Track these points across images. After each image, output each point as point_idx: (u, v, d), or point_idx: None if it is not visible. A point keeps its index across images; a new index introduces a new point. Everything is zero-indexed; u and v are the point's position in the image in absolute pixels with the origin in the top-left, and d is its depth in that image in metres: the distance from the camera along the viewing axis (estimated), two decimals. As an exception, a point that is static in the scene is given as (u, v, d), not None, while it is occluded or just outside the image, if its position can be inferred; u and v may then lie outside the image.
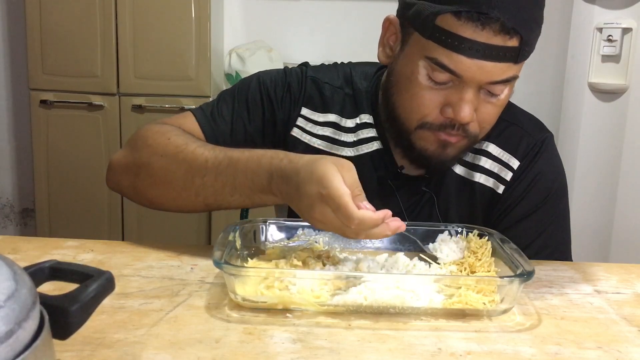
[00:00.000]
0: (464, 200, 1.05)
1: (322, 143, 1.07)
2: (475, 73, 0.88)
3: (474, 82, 0.89)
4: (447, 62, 0.88)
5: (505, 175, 1.04)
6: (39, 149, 2.65)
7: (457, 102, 0.90)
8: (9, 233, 3.11)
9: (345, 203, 0.74)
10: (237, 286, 0.74)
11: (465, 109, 0.90)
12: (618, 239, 2.20)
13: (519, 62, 0.90)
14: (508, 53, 0.87)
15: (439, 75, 0.90)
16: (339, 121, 1.07)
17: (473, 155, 1.05)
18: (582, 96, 2.25)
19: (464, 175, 1.05)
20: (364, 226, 0.75)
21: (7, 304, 0.38)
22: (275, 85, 1.07)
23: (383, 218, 0.75)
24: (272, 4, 2.85)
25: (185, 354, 0.64)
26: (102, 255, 0.91)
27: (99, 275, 0.52)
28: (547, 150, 1.05)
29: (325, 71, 1.10)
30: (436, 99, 0.92)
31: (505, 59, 0.88)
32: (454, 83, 0.90)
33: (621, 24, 2.12)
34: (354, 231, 0.76)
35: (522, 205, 1.03)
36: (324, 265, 0.83)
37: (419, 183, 1.06)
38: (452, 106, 0.91)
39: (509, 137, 1.05)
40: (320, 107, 1.07)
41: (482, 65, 0.87)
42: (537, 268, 0.78)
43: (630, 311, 0.79)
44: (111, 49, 2.54)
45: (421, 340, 0.69)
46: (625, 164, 2.17)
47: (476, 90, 0.90)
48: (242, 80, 1.11)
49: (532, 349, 0.68)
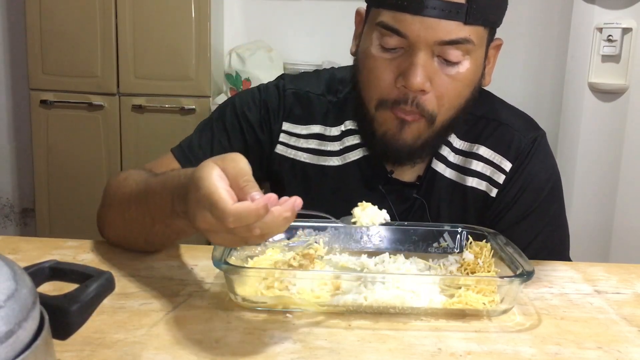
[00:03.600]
0: (456, 204, 1.03)
1: (309, 156, 1.05)
2: (420, 30, 0.86)
3: (420, 41, 0.87)
4: (392, 22, 0.88)
5: (498, 178, 1.02)
6: (39, 149, 2.65)
7: (407, 67, 0.88)
8: (9, 233, 3.11)
9: (216, 199, 0.63)
10: (237, 286, 0.74)
11: (415, 74, 0.87)
12: (618, 239, 2.20)
13: (469, 23, 0.87)
14: (454, 9, 0.85)
15: (389, 40, 0.89)
16: (323, 131, 1.05)
17: (464, 158, 1.03)
18: (582, 96, 2.24)
19: (456, 180, 1.03)
20: (244, 220, 0.63)
21: (7, 304, 0.38)
22: (250, 108, 1.05)
23: (265, 206, 0.63)
24: (272, 4, 2.85)
25: (185, 354, 0.64)
26: (102, 256, 0.91)
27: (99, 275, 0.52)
28: (539, 150, 1.03)
29: (306, 80, 1.08)
30: (389, 69, 0.90)
31: (451, 16, 0.86)
32: (405, 50, 0.89)
33: (621, 24, 2.12)
34: (237, 231, 0.64)
35: (516, 208, 1.02)
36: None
37: (410, 190, 1.04)
38: (403, 74, 0.89)
39: (500, 139, 1.03)
40: (302, 120, 1.05)
41: (427, 22, 0.86)
42: (537, 268, 0.78)
43: (630, 311, 0.79)
44: (111, 49, 2.54)
45: (421, 340, 0.69)
46: (625, 164, 2.17)
47: (428, 55, 0.88)
48: (217, 108, 1.10)
49: (532, 349, 0.68)
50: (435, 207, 1.03)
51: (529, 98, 2.79)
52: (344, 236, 0.92)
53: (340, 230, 0.92)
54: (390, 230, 0.92)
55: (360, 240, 0.92)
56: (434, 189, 1.03)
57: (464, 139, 1.03)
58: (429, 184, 1.03)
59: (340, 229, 0.92)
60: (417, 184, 1.03)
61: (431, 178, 1.03)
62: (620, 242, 2.19)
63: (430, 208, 1.03)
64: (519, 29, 2.78)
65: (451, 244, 0.91)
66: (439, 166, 1.03)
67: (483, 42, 0.92)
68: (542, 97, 2.80)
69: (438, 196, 1.03)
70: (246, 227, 0.64)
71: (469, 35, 0.88)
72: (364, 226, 0.79)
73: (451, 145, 1.03)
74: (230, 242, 0.68)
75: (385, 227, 0.92)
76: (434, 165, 1.03)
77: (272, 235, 0.67)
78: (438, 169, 1.03)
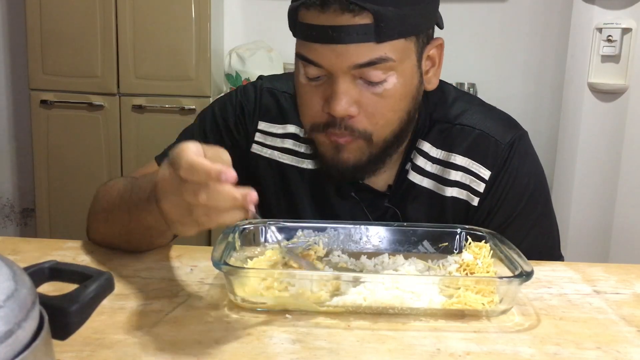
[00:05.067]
0: (435, 214, 1.01)
1: (286, 157, 1.04)
2: (332, 58, 0.85)
3: (336, 69, 0.86)
4: (306, 53, 0.88)
5: (478, 186, 0.99)
6: (39, 149, 2.65)
7: (330, 95, 0.88)
8: (9, 233, 3.11)
9: (180, 149, 0.65)
10: (236, 287, 0.74)
11: (337, 101, 0.86)
12: (618, 239, 2.20)
13: (381, 41, 0.84)
14: (361, 32, 0.83)
15: (309, 70, 0.89)
16: (299, 132, 1.04)
17: (442, 168, 1.00)
18: (581, 96, 2.25)
19: (434, 190, 1.00)
20: (195, 174, 0.64)
21: (7, 304, 0.38)
22: (227, 110, 1.06)
23: (219, 171, 0.63)
24: (272, 4, 2.85)
25: (185, 354, 0.64)
26: (102, 256, 0.91)
27: (99, 275, 0.52)
28: (517, 153, 1.00)
29: (284, 80, 1.08)
30: (316, 96, 0.90)
31: (361, 38, 0.83)
32: (327, 77, 0.89)
33: (621, 24, 2.12)
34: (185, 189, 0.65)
35: (499, 215, 0.99)
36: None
37: (380, 199, 1.02)
38: (327, 101, 0.88)
39: (476, 146, 0.99)
40: (278, 119, 1.05)
41: (335, 49, 0.85)
42: (536, 268, 0.78)
43: (629, 311, 0.79)
44: (111, 49, 2.54)
45: (420, 340, 0.69)
46: (625, 163, 2.17)
47: (348, 80, 0.87)
48: (199, 115, 1.11)
49: (531, 349, 0.68)
50: (412, 217, 1.01)
51: (529, 98, 2.80)
52: (343, 237, 0.92)
53: (340, 231, 0.92)
54: (389, 231, 0.92)
55: (360, 241, 0.93)
56: (408, 198, 1.01)
57: (441, 148, 1.00)
58: (404, 194, 1.01)
59: (340, 230, 0.92)
60: (387, 194, 1.02)
61: (407, 188, 1.01)
62: (619, 242, 2.20)
63: (406, 218, 1.01)
64: (519, 29, 2.78)
65: (430, 249, 0.91)
66: (415, 177, 1.01)
67: (409, 53, 0.89)
68: (542, 97, 2.81)
69: (414, 206, 1.01)
70: (193, 188, 0.64)
71: (385, 53, 0.85)
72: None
73: (427, 155, 1.01)
74: (176, 206, 0.67)
75: (384, 228, 0.92)
76: (410, 177, 1.01)
77: (217, 212, 0.66)
78: (415, 180, 1.01)
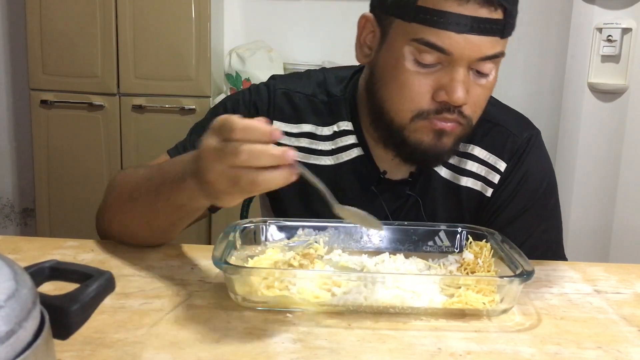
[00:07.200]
0: (451, 203, 1.04)
1: (303, 155, 1.04)
2: (465, 49, 0.86)
3: (463, 59, 0.87)
4: (435, 40, 0.86)
5: (493, 178, 1.03)
6: (39, 149, 2.65)
7: (449, 83, 0.88)
8: (9, 233, 3.11)
9: (226, 117, 0.70)
10: (237, 286, 0.74)
11: (459, 90, 0.88)
12: (618, 239, 2.20)
13: (504, 37, 0.89)
14: (494, 26, 0.86)
15: (427, 56, 0.88)
16: (314, 130, 1.05)
17: (459, 158, 1.03)
18: (581, 96, 2.24)
19: (450, 179, 1.04)
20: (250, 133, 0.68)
21: (8, 304, 0.38)
22: (240, 108, 1.06)
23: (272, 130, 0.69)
24: (272, 4, 2.85)
25: (185, 354, 0.64)
26: (103, 255, 0.91)
27: (99, 275, 0.52)
28: (533, 150, 1.04)
29: (296, 80, 1.09)
30: (426, 83, 0.89)
31: (492, 32, 0.87)
32: (443, 65, 0.88)
33: (621, 24, 2.12)
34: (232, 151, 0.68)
35: (511, 208, 1.03)
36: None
37: (402, 187, 1.04)
38: (444, 88, 0.88)
39: (494, 139, 1.03)
40: (293, 119, 1.05)
41: (471, 39, 0.86)
42: (537, 268, 0.78)
43: (629, 311, 0.79)
44: (111, 49, 2.54)
45: (421, 340, 0.69)
46: (625, 164, 2.17)
47: (466, 69, 0.88)
48: (211, 109, 1.11)
49: (532, 348, 0.68)
50: (430, 205, 1.04)
51: (529, 98, 2.79)
52: (344, 236, 0.92)
53: (340, 230, 0.92)
54: (390, 230, 0.92)
55: (360, 240, 0.93)
56: (429, 187, 1.04)
57: None
58: (425, 183, 1.04)
59: (340, 229, 0.92)
60: (410, 180, 1.04)
61: (427, 177, 1.04)
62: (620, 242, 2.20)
63: (425, 206, 1.04)
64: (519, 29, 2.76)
65: (447, 242, 0.92)
66: None
67: None
68: (542, 97, 2.81)
69: (433, 194, 1.04)
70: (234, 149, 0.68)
71: (503, 48, 0.90)
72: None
73: None
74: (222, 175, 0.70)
75: (385, 227, 0.92)
76: None
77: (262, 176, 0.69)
78: (435, 168, 1.03)
